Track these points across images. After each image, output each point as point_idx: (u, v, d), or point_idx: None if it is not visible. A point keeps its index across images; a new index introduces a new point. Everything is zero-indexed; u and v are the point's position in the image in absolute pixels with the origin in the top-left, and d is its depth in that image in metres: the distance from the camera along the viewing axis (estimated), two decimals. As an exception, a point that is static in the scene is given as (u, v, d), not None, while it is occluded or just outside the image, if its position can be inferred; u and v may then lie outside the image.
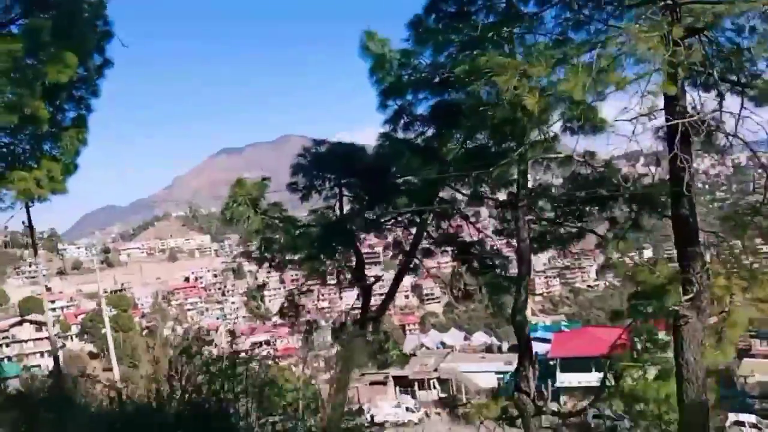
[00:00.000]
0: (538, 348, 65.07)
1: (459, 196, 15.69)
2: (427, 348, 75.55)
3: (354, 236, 14.47)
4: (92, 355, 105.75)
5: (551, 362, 56.49)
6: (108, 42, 14.40)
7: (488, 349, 65.83)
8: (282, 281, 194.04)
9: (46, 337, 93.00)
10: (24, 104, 12.26)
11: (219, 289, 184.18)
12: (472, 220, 17.01)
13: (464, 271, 16.85)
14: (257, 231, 15.66)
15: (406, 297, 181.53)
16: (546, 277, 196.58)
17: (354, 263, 15.34)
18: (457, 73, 9.36)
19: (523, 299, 12.33)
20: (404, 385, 57.49)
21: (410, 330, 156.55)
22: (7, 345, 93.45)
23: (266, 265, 16.62)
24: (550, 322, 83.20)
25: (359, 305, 16.24)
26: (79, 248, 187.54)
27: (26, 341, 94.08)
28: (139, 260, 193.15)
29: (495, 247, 16.05)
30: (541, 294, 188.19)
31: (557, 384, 51.51)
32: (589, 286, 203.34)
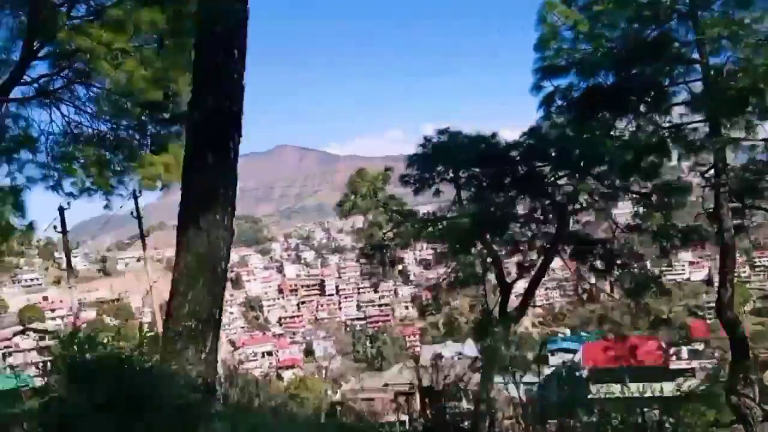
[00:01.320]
0: (565, 358, 64.18)
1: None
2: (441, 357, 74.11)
3: (506, 229, 13.55)
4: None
5: (577, 373, 55.49)
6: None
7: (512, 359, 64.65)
8: (281, 291, 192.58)
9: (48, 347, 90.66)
10: (170, 79, 11.30)
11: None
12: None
13: (587, 270, 15.99)
14: (378, 225, 14.80)
15: (406, 308, 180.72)
16: (546, 289, 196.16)
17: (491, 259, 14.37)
18: (710, 34, 8.59)
19: (729, 295, 11.41)
20: (432, 396, 56.13)
21: (409, 342, 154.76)
22: (9, 354, 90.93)
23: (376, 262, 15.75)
24: (569, 333, 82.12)
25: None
26: (75, 257, 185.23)
27: (29, 350, 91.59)
28: (136, 269, 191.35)
29: (627, 244, 15.14)
30: (540, 306, 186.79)
31: (589, 395, 50.33)
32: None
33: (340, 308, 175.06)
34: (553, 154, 13.25)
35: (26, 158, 12.28)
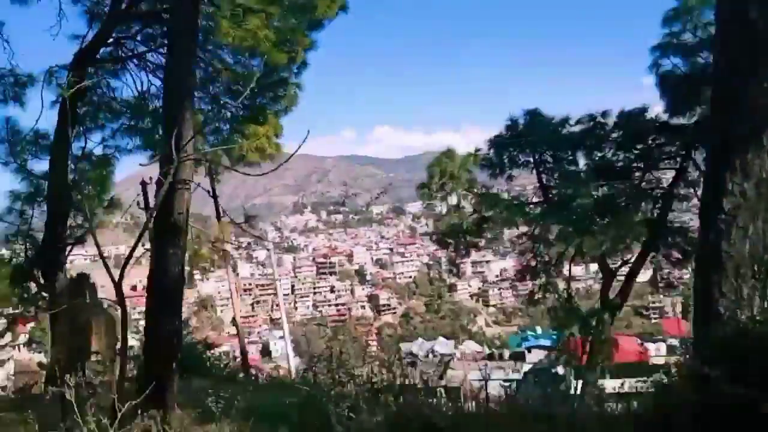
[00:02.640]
0: (540, 356, 64.86)
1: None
2: (414, 355, 74.16)
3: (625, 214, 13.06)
4: (42, 366, 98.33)
5: (552, 370, 56.08)
6: (345, -17, 12.50)
7: (490, 356, 65.23)
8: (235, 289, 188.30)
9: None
10: (295, 40, 10.39)
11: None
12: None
13: (664, 260, 15.70)
14: (459, 207, 14.20)
15: (363, 308, 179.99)
16: (499, 289, 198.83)
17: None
18: None
19: None
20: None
21: (368, 341, 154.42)
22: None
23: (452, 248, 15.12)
24: (540, 330, 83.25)
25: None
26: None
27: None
28: (83, 267, 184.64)
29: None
30: (494, 305, 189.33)
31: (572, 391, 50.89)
32: (539, 297, 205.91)
33: (295, 308, 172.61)
34: (651, 140, 12.91)
35: (116, 125, 11.12)
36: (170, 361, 5.79)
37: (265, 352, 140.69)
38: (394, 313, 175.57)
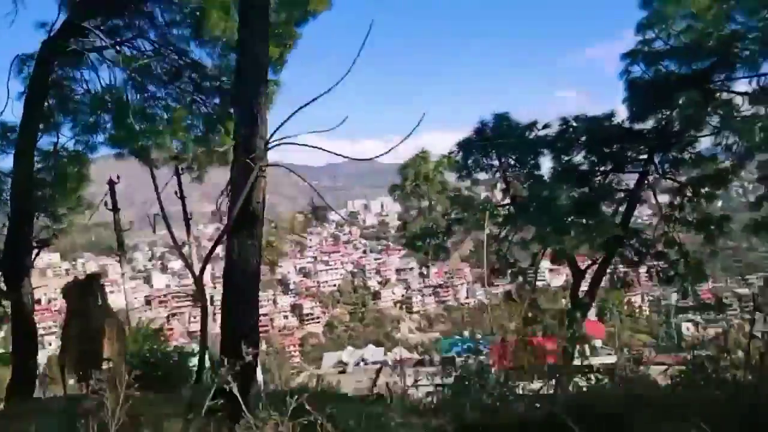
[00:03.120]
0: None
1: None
2: (345, 364, 73.68)
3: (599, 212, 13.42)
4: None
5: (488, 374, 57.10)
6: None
7: (420, 362, 65.57)
8: (148, 302, 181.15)
9: None
10: (288, 35, 10.10)
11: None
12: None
13: (619, 260, 16.26)
14: (435, 210, 14.23)
15: (285, 318, 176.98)
16: (422, 296, 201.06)
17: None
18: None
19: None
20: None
21: (290, 351, 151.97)
22: None
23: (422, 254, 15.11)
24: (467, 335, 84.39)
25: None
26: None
27: None
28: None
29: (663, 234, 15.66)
30: (417, 312, 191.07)
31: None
32: (460, 303, 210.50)
33: (215, 320, 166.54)
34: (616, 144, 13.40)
35: (85, 120, 10.35)
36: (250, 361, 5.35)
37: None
38: (318, 322, 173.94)
